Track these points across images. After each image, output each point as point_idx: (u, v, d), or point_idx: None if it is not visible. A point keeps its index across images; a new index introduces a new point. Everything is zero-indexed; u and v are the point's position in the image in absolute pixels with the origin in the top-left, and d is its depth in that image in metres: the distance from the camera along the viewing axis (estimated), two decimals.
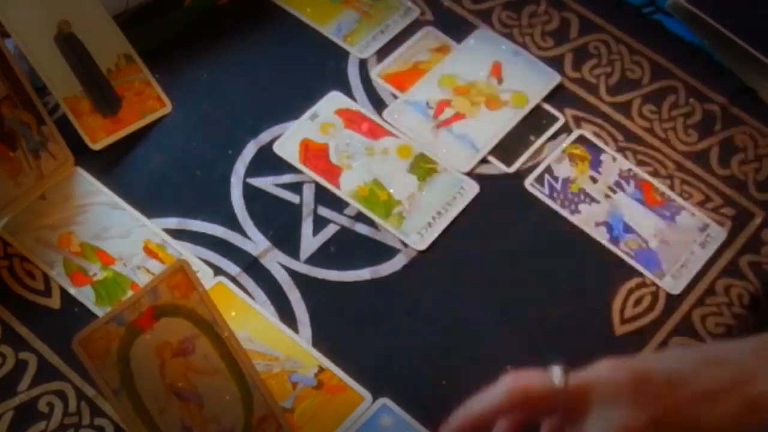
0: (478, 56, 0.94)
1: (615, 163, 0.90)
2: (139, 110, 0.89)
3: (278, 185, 0.87)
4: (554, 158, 0.89)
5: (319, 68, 0.93)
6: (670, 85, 0.94)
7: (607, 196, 0.88)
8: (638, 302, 0.83)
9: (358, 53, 0.94)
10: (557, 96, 0.93)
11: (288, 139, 0.89)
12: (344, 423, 0.76)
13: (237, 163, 0.87)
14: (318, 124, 0.90)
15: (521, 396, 0.64)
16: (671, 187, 0.89)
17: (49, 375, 0.77)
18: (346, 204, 0.86)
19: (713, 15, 0.94)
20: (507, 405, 0.64)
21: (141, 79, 0.89)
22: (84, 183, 0.85)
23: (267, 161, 0.88)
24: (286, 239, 0.84)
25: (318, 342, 0.79)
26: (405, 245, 0.84)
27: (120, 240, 0.83)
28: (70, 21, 0.86)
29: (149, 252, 0.82)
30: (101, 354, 0.71)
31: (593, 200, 0.88)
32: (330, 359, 0.78)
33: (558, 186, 0.88)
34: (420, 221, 0.85)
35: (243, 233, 0.84)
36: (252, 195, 0.86)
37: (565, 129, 0.91)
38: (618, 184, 0.88)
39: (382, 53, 0.95)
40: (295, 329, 0.80)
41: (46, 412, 0.75)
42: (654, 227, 0.86)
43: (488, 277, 0.84)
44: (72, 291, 0.80)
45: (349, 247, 0.84)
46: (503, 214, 0.87)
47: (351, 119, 0.90)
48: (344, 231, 0.85)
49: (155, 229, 0.83)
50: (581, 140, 0.91)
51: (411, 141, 0.89)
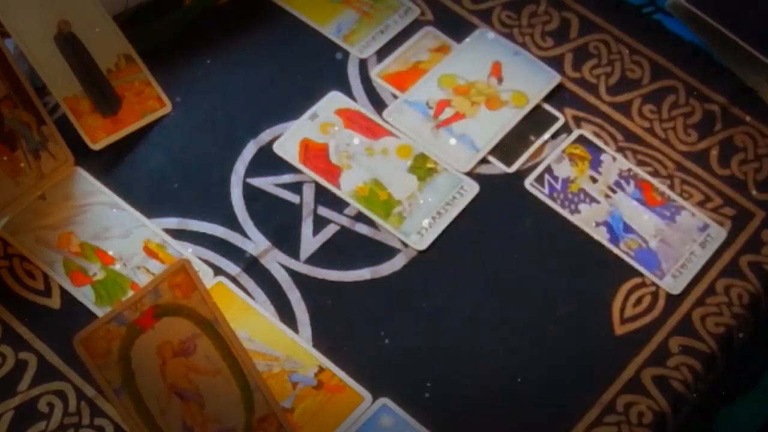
0: (478, 56, 0.94)
1: (615, 163, 0.90)
2: (139, 110, 0.89)
3: (278, 185, 0.87)
4: (554, 158, 0.90)
5: (319, 68, 0.93)
6: (670, 85, 0.94)
7: (607, 196, 0.88)
8: (638, 302, 0.83)
9: (358, 53, 0.94)
10: (557, 96, 0.93)
11: (288, 139, 0.89)
12: (344, 423, 0.76)
13: (237, 163, 0.87)
14: (318, 124, 0.90)
15: None
16: (671, 187, 0.89)
17: (49, 375, 0.77)
18: (346, 204, 0.86)
19: (713, 15, 0.94)
20: None
21: (141, 79, 0.89)
22: (84, 183, 0.85)
23: (267, 161, 0.88)
24: (286, 239, 0.84)
25: (318, 342, 0.79)
26: (405, 245, 0.84)
27: (120, 240, 0.83)
28: (70, 21, 0.86)
29: (149, 252, 0.82)
30: (102, 353, 0.71)
31: (593, 200, 0.88)
32: (330, 359, 0.78)
33: (558, 186, 0.88)
34: (420, 221, 0.85)
35: (243, 233, 0.84)
36: (252, 195, 0.86)
37: (565, 129, 0.91)
38: (618, 184, 0.88)
39: (382, 53, 0.95)
40: (295, 329, 0.80)
41: (46, 412, 0.75)
42: (654, 227, 0.86)
43: (488, 277, 0.84)
44: (72, 291, 0.80)
45: (349, 247, 0.84)
46: (503, 214, 0.87)
47: (351, 119, 0.90)
48: (344, 231, 0.85)
49: (155, 229, 0.83)
50: (581, 140, 0.91)
51: (411, 141, 0.89)
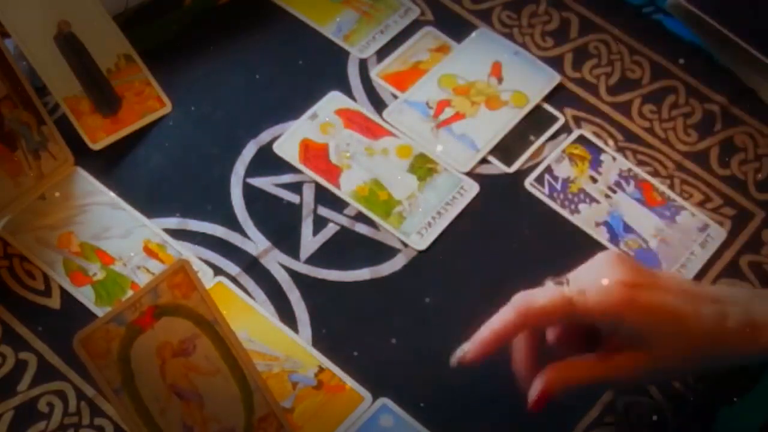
0: (478, 56, 0.94)
1: (615, 163, 0.90)
2: (139, 110, 0.89)
3: (278, 185, 0.87)
4: (554, 158, 0.90)
5: (319, 68, 0.93)
6: (670, 85, 0.94)
7: (607, 196, 0.88)
8: None
9: (358, 53, 0.94)
10: (557, 96, 0.93)
11: (288, 139, 0.89)
12: (344, 423, 0.76)
13: (237, 163, 0.87)
14: (318, 124, 0.90)
15: (526, 309, 0.68)
16: (671, 187, 0.89)
17: (49, 375, 0.77)
18: (346, 204, 0.86)
19: (713, 15, 0.94)
20: (515, 320, 0.68)
21: (141, 79, 0.89)
22: (84, 183, 0.85)
23: (267, 161, 0.88)
24: (286, 239, 0.84)
25: (318, 342, 0.79)
26: (405, 245, 0.84)
27: (120, 240, 0.83)
28: (70, 21, 0.86)
29: (149, 252, 0.82)
30: (102, 353, 0.71)
31: (593, 200, 0.88)
32: (330, 359, 0.78)
33: (558, 186, 0.88)
34: (420, 221, 0.85)
35: (243, 233, 0.84)
36: (252, 195, 0.86)
37: (565, 129, 0.91)
38: (618, 184, 0.88)
39: (382, 53, 0.95)
40: (295, 329, 0.80)
41: (46, 412, 0.75)
42: (654, 227, 0.86)
43: (488, 277, 0.84)
44: (72, 291, 0.80)
45: (349, 247, 0.84)
46: (503, 214, 0.87)
47: (351, 119, 0.90)
48: (344, 231, 0.85)
49: (155, 229, 0.83)
50: (581, 140, 0.91)
51: (411, 141, 0.89)
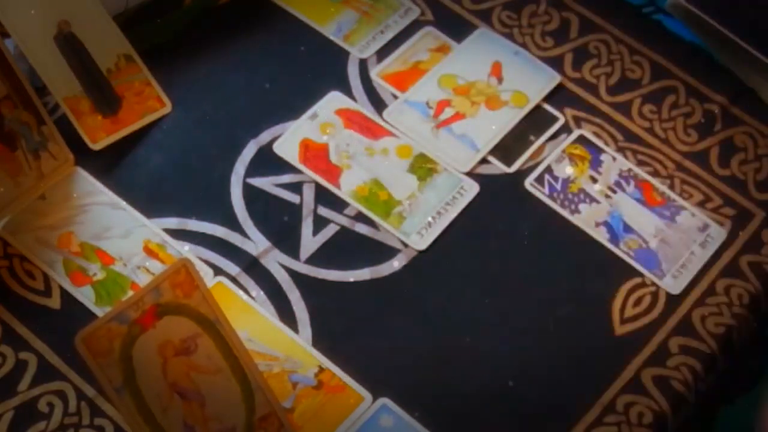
0: (478, 56, 0.94)
1: (615, 163, 0.90)
2: (139, 110, 0.89)
3: (278, 185, 0.87)
4: (554, 158, 0.90)
5: (319, 68, 0.93)
6: (670, 85, 0.95)
7: (607, 196, 0.88)
8: (638, 302, 0.83)
9: (358, 53, 0.94)
10: (557, 96, 0.93)
11: (288, 139, 0.89)
12: (344, 423, 0.76)
13: (237, 163, 0.87)
14: (318, 124, 0.90)
15: None
16: (671, 187, 0.89)
17: (49, 375, 0.77)
18: (346, 204, 0.86)
19: (713, 15, 0.94)
20: None
21: (141, 79, 0.89)
22: (84, 183, 0.85)
23: (267, 161, 0.88)
24: (286, 239, 0.84)
25: (318, 342, 0.79)
26: (405, 245, 0.84)
27: (120, 240, 0.83)
28: (70, 21, 0.86)
29: (149, 252, 0.82)
30: (104, 352, 0.71)
31: (593, 200, 0.88)
32: (330, 359, 0.78)
33: (558, 186, 0.88)
34: (420, 221, 0.85)
35: (243, 233, 0.84)
36: (252, 195, 0.86)
37: (565, 129, 0.91)
38: (618, 184, 0.88)
39: (382, 53, 0.95)
40: (295, 329, 0.80)
41: (46, 412, 0.75)
42: (654, 227, 0.86)
43: (488, 277, 0.84)
44: (72, 291, 0.80)
45: (349, 247, 0.84)
46: (503, 214, 0.87)
47: (351, 119, 0.90)
48: (344, 231, 0.85)
49: (155, 229, 0.83)
50: (581, 140, 0.91)
51: (411, 141, 0.89)
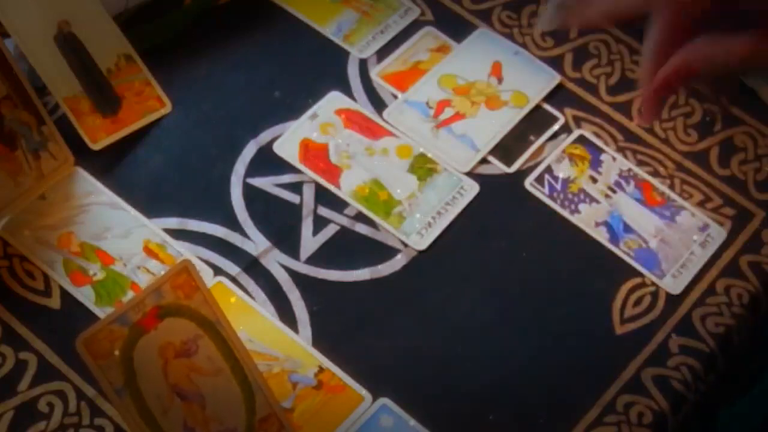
0: (478, 56, 0.94)
1: (615, 163, 0.90)
2: (139, 110, 0.89)
3: (278, 185, 0.87)
4: (554, 158, 0.90)
5: (319, 68, 0.93)
6: None
7: (607, 196, 0.88)
8: (638, 302, 0.83)
9: (358, 53, 0.94)
10: (557, 96, 0.93)
11: (288, 139, 0.89)
12: (344, 423, 0.76)
13: (237, 163, 0.87)
14: (318, 124, 0.90)
15: None
16: (671, 187, 0.89)
17: (49, 375, 0.77)
18: (346, 204, 0.86)
19: None
20: None
21: (141, 79, 0.89)
22: (84, 183, 0.85)
23: (267, 161, 0.88)
24: (286, 239, 0.84)
25: (318, 342, 0.79)
26: (405, 245, 0.84)
27: (120, 240, 0.83)
28: (70, 21, 0.86)
29: (149, 252, 0.82)
30: (104, 354, 0.71)
31: (593, 200, 0.88)
32: (330, 359, 0.78)
33: (558, 186, 0.88)
34: (420, 221, 0.85)
35: (243, 233, 0.84)
36: (252, 195, 0.86)
37: (565, 129, 0.91)
38: (618, 184, 0.88)
39: (382, 53, 0.95)
40: (295, 329, 0.80)
41: (46, 412, 0.75)
42: (654, 227, 0.86)
43: (488, 277, 0.84)
44: (72, 291, 0.80)
45: (349, 247, 0.84)
46: (503, 214, 0.87)
47: (351, 119, 0.90)
48: (344, 231, 0.85)
49: (155, 229, 0.83)
50: (581, 140, 0.91)
51: (411, 141, 0.89)
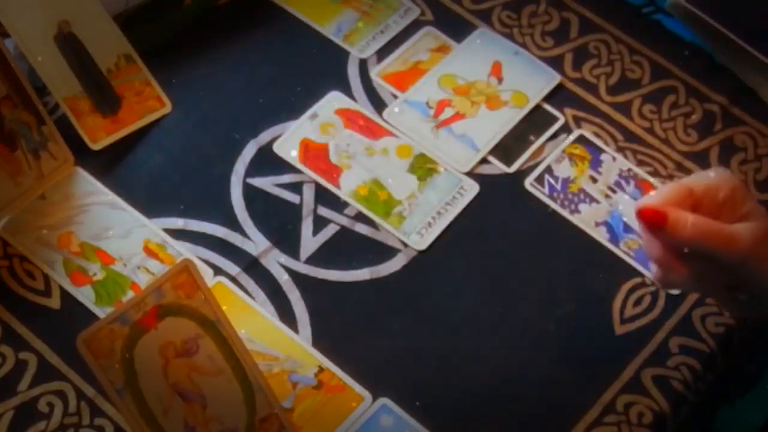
0: (478, 56, 0.95)
1: (615, 163, 0.90)
2: (139, 110, 0.89)
3: (278, 185, 0.87)
4: (554, 158, 0.90)
5: (319, 68, 0.93)
6: (670, 85, 0.95)
7: (607, 196, 0.88)
8: (638, 302, 0.83)
9: (358, 53, 0.94)
10: (557, 96, 0.93)
11: (288, 139, 0.89)
12: (344, 423, 0.76)
13: (237, 163, 0.87)
14: (318, 124, 0.90)
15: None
16: None
17: (49, 375, 0.77)
18: (346, 204, 0.86)
19: (713, 15, 0.94)
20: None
21: (141, 79, 0.89)
22: (84, 183, 0.85)
23: (267, 161, 0.88)
24: (286, 239, 0.84)
25: (318, 342, 0.79)
26: (405, 245, 0.84)
27: (120, 240, 0.83)
28: (70, 21, 0.86)
29: (149, 252, 0.82)
30: (105, 353, 0.71)
31: (593, 200, 0.88)
32: (330, 359, 0.78)
33: (558, 186, 0.88)
34: (420, 221, 0.85)
35: (243, 233, 0.84)
36: (252, 195, 0.86)
37: (565, 129, 0.91)
38: (618, 184, 0.88)
39: (382, 53, 0.95)
40: (295, 329, 0.80)
41: (46, 412, 0.75)
42: None
43: (488, 277, 0.84)
44: (72, 291, 0.80)
45: (349, 247, 0.84)
46: (503, 214, 0.87)
47: (351, 119, 0.90)
48: (344, 231, 0.85)
49: (155, 229, 0.83)
50: (581, 140, 0.91)
51: (411, 141, 0.89)
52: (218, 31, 0.95)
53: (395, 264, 0.84)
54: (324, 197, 0.86)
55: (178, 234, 0.84)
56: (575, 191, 0.88)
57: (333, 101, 0.91)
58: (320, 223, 0.85)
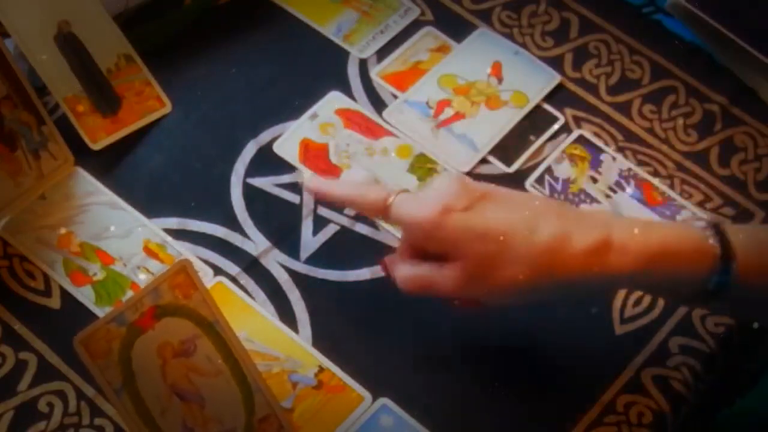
0: (478, 56, 0.94)
1: (615, 163, 0.90)
2: (139, 110, 0.89)
3: (278, 185, 0.87)
4: (554, 158, 0.90)
5: (319, 68, 0.93)
6: (670, 85, 0.94)
7: (607, 196, 0.88)
8: (638, 302, 0.83)
9: (358, 53, 0.94)
10: (557, 96, 0.93)
11: (288, 139, 0.89)
12: (344, 423, 0.76)
13: (237, 163, 0.87)
14: (318, 124, 0.90)
15: (359, 195, 0.75)
16: (671, 187, 0.89)
17: (49, 375, 0.77)
18: None
19: (713, 15, 0.94)
20: (347, 195, 0.76)
21: (141, 79, 0.89)
22: (84, 183, 0.85)
23: (267, 161, 0.88)
24: (286, 239, 0.84)
25: (318, 342, 0.79)
26: None
27: (120, 240, 0.83)
28: (70, 21, 0.86)
29: (149, 252, 0.82)
30: (103, 354, 0.71)
31: (593, 200, 0.88)
32: (330, 359, 0.78)
33: (558, 186, 0.88)
34: None
35: (243, 233, 0.84)
36: (252, 195, 0.86)
37: (565, 129, 0.91)
38: (618, 184, 0.88)
39: (382, 53, 0.95)
40: (295, 329, 0.80)
41: (46, 412, 0.75)
42: None
43: None
44: (72, 291, 0.80)
45: (349, 247, 0.84)
46: None
47: (351, 119, 0.90)
48: (344, 231, 0.85)
49: (155, 229, 0.83)
50: (581, 140, 0.91)
51: (411, 141, 0.89)
52: (218, 31, 0.95)
53: None
54: None
55: (178, 234, 0.84)
56: (575, 191, 0.88)
57: (333, 101, 0.91)
58: (320, 223, 0.85)
